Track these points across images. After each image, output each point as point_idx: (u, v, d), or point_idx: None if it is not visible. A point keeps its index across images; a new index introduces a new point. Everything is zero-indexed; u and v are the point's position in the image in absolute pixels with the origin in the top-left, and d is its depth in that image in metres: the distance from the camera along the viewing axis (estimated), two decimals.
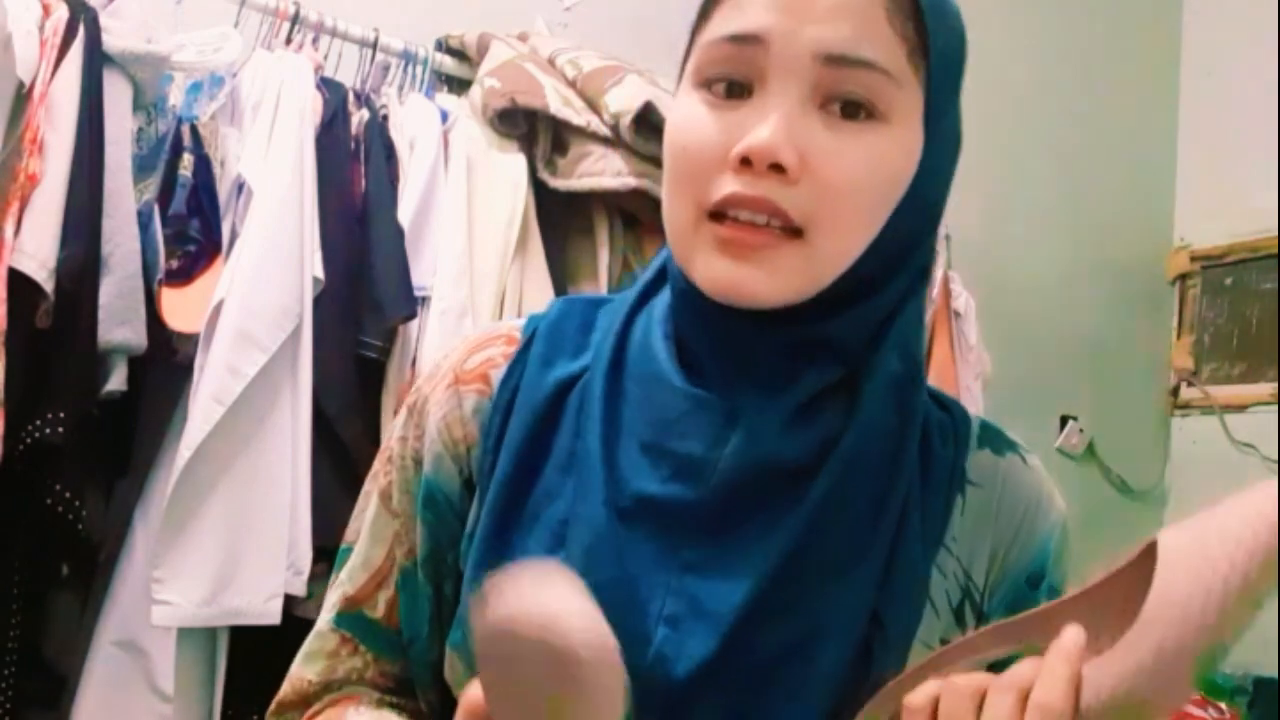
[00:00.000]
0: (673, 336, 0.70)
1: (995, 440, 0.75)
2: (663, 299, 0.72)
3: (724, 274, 0.64)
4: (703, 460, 0.66)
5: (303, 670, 0.77)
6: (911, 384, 0.70)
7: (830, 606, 0.65)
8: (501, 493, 0.69)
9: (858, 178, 0.64)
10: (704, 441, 0.66)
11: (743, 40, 0.64)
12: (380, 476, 0.77)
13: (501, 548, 0.69)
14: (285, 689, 0.77)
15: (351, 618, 0.76)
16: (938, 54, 0.66)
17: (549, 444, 0.70)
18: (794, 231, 0.64)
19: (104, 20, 1.57)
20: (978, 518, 0.72)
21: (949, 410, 0.74)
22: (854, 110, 0.64)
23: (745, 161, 0.63)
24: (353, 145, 1.80)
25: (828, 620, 0.65)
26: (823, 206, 0.63)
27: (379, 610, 0.75)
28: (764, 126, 0.62)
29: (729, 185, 0.64)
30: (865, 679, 0.64)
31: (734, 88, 0.65)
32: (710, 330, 0.68)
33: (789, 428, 0.66)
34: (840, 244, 0.65)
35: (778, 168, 0.62)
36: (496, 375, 0.73)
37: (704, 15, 0.67)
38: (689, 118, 0.66)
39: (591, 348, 0.73)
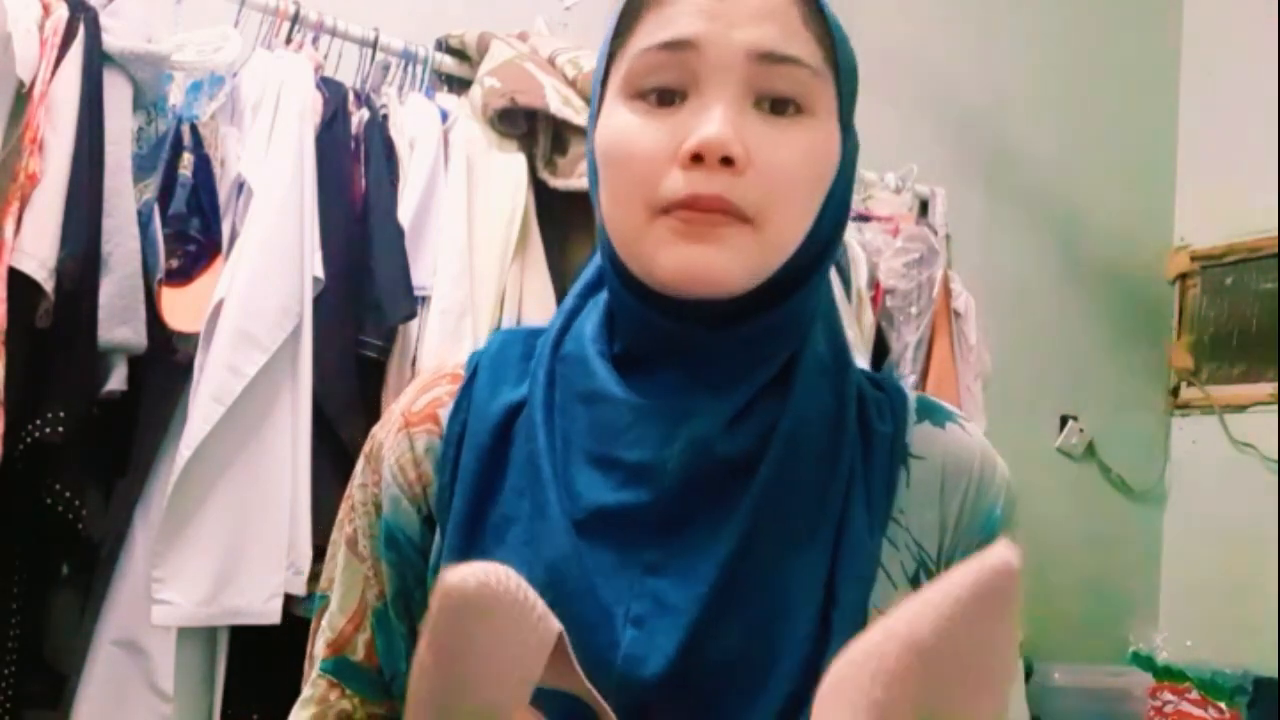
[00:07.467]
0: (608, 355, 0.72)
1: (934, 413, 0.77)
2: (590, 321, 0.74)
3: (686, 260, 0.66)
4: (651, 465, 0.68)
5: (298, 717, 0.79)
6: (841, 367, 0.73)
7: (787, 586, 0.67)
8: (462, 520, 0.71)
9: (798, 167, 0.67)
10: (651, 447, 0.68)
11: (676, 46, 0.67)
12: (345, 524, 0.79)
13: None
14: None
15: (336, 662, 0.78)
16: (845, 65, 0.70)
17: (503, 469, 0.72)
18: (744, 219, 0.66)
19: (104, 20, 1.57)
20: (924, 488, 0.73)
21: (884, 389, 0.76)
22: (783, 106, 0.67)
23: (696, 158, 0.65)
24: (353, 145, 1.80)
25: (786, 599, 0.67)
26: (769, 196, 0.66)
27: (359, 653, 0.78)
28: (711, 123, 0.65)
29: (681, 183, 0.65)
30: (827, 650, 0.65)
31: (665, 95, 0.68)
32: (660, 338, 0.70)
33: (731, 424, 0.68)
34: (786, 231, 0.68)
35: (728, 161, 0.65)
36: (444, 413, 0.76)
37: (625, 30, 0.70)
38: (628, 125, 0.68)
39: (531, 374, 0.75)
